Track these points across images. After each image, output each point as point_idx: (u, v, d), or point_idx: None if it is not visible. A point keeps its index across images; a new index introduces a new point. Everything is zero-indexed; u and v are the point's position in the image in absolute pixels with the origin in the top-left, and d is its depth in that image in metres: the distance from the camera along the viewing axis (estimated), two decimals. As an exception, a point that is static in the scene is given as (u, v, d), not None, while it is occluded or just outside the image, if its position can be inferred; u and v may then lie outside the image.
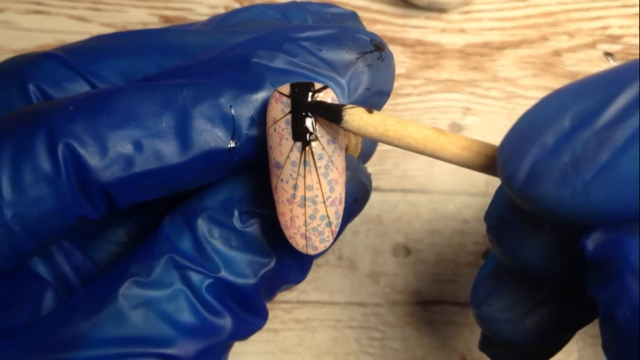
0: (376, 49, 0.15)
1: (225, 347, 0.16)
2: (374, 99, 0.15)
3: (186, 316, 0.15)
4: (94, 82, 0.16)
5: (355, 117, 0.13)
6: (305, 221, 0.15)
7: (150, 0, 0.27)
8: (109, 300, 0.14)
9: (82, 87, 0.16)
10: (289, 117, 0.14)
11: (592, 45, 0.28)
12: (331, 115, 0.14)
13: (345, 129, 0.14)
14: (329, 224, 0.15)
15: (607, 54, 0.28)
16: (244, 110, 0.14)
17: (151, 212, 0.19)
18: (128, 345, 0.14)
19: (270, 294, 0.17)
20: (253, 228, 0.16)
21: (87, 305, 0.15)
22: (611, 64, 0.27)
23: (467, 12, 0.28)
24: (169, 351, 0.14)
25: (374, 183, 0.26)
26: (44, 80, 0.16)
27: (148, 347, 0.14)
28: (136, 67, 0.16)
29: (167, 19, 0.27)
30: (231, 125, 0.14)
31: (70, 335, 0.14)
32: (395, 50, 0.27)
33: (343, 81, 0.15)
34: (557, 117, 0.10)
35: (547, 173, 0.10)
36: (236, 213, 0.15)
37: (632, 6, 0.28)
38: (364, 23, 0.19)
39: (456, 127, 0.27)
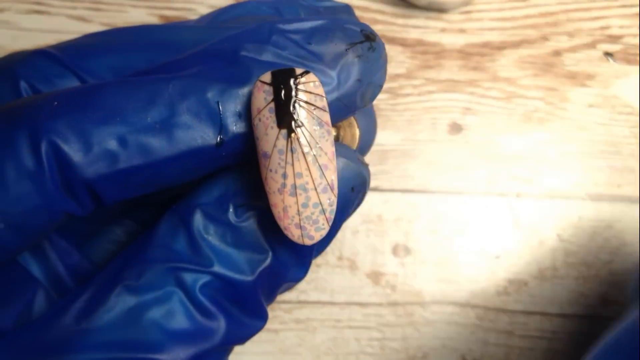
0: (366, 39, 0.15)
1: (222, 351, 0.16)
2: (366, 91, 0.15)
3: (177, 319, 0.14)
4: (86, 78, 0.16)
5: None
6: (298, 210, 0.14)
7: (150, 0, 0.27)
8: (98, 305, 0.14)
9: (73, 84, 0.16)
10: (272, 105, 0.14)
11: (592, 45, 0.28)
12: None
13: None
14: (323, 211, 0.14)
15: (607, 54, 0.28)
16: (231, 105, 0.14)
17: (150, 210, 0.19)
18: (117, 350, 0.14)
19: (271, 294, 0.17)
20: (249, 222, 0.15)
21: (76, 309, 0.14)
22: (611, 63, 0.27)
23: (467, 12, 0.28)
24: (157, 356, 0.14)
25: (374, 183, 0.26)
26: (36, 77, 0.16)
27: (137, 352, 0.14)
28: (128, 63, 0.16)
29: (167, 20, 0.27)
30: (218, 120, 0.14)
31: (58, 339, 0.14)
32: (395, 50, 0.27)
33: (333, 73, 0.14)
34: None
35: None
36: (231, 208, 0.15)
37: (632, 6, 0.28)
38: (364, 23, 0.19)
39: (456, 127, 0.27)
